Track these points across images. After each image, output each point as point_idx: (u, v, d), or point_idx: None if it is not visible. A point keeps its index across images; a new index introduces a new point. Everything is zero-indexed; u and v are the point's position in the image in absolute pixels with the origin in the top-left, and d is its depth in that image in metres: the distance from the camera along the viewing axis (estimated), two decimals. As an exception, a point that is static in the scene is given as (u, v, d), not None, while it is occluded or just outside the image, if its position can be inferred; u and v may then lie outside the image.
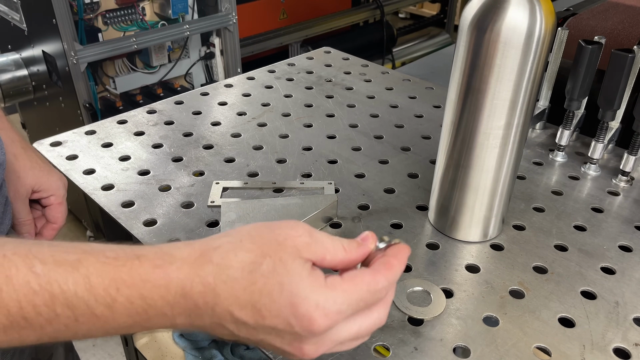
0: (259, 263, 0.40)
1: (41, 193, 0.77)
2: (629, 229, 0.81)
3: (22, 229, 0.76)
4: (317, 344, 0.41)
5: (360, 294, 0.42)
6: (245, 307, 0.40)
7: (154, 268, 0.39)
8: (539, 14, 0.62)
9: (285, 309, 0.40)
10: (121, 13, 1.85)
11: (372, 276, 0.43)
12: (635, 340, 0.63)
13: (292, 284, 0.40)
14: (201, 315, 0.40)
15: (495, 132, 0.69)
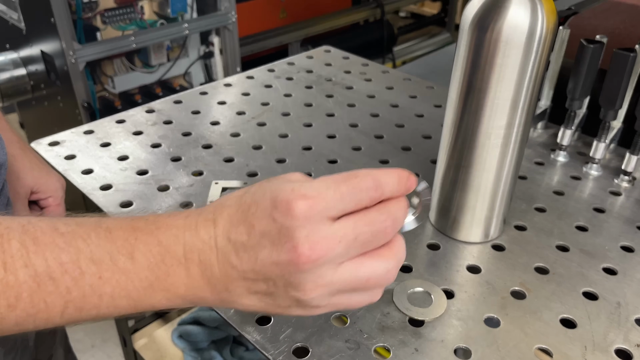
0: (247, 190, 0.43)
1: (40, 194, 0.77)
2: (631, 229, 0.81)
3: None
4: (309, 237, 0.39)
5: (339, 178, 0.40)
6: (238, 224, 0.41)
7: (166, 218, 0.43)
8: (540, 13, 0.62)
9: (268, 206, 0.40)
10: (120, 12, 1.84)
11: (353, 172, 0.41)
12: (637, 341, 0.63)
13: (275, 185, 0.41)
14: (209, 257, 0.41)
15: (496, 132, 0.69)
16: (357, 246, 0.40)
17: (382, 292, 0.45)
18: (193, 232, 0.41)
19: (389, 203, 0.41)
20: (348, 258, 0.40)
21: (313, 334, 0.62)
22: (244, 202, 0.42)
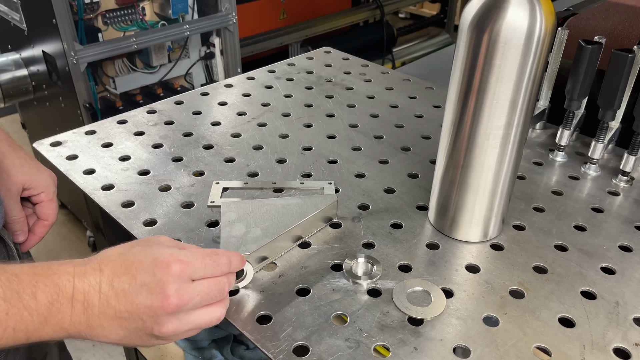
0: (129, 249, 0.56)
1: (31, 190, 0.77)
2: (629, 229, 0.81)
3: (15, 227, 0.76)
4: (178, 290, 0.53)
5: (206, 252, 0.58)
6: (121, 275, 0.53)
7: (59, 265, 0.53)
8: (539, 14, 0.62)
9: (150, 264, 0.54)
10: (121, 13, 1.85)
11: (215, 250, 0.60)
12: (635, 340, 0.63)
13: (154, 249, 0.56)
14: (93, 297, 0.52)
15: (495, 132, 0.69)
16: (207, 299, 0.56)
17: None
18: (82, 278, 0.52)
19: (231, 275, 0.61)
20: (200, 306, 0.56)
21: (313, 332, 0.63)
22: (127, 258, 0.54)
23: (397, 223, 0.81)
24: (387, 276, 0.71)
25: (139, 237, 0.77)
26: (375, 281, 0.70)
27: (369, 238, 0.78)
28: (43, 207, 0.79)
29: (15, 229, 0.76)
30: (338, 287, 0.69)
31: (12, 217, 0.75)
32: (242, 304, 0.67)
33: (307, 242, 0.77)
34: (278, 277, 0.71)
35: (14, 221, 0.75)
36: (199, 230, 0.79)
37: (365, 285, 0.70)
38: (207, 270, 0.57)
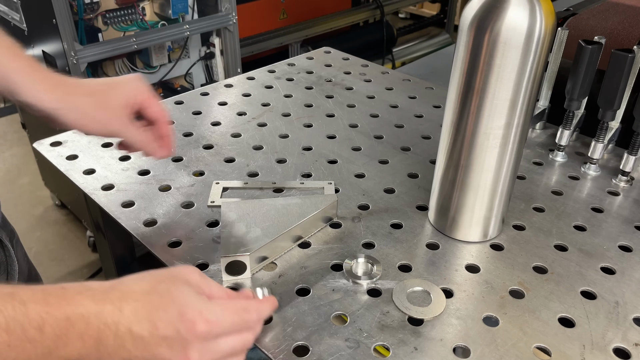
0: (155, 287, 0.51)
1: (134, 104, 0.71)
2: (629, 229, 0.81)
3: (149, 148, 0.72)
4: (200, 351, 0.50)
5: (235, 308, 0.54)
6: (142, 321, 0.48)
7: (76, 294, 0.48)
8: (539, 14, 0.62)
9: (175, 318, 0.49)
10: (121, 13, 1.85)
11: (246, 300, 0.57)
12: (635, 340, 0.63)
13: (182, 298, 0.50)
14: (107, 337, 0.48)
15: (495, 132, 0.69)
16: (229, 356, 0.53)
17: None
18: (99, 316, 0.48)
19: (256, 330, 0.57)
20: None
21: (313, 332, 0.63)
22: (151, 301, 0.50)
23: (397, 223, 0.81)
24: (387, 276, 0.71)
25: (139, 237, 0.77)
26: (375, 281, 0.70)
27: (369, 238, 0.78)
28: (149, 109, 0.72)
29: (148, 149, 0.72)
30: (338, 287, 0.70)
31: (140, 140, 0.71)
32: (242, 304, 0.67)
33: (307, 242, 0.77)
34: (278, 277, 0.71)
35: (145, 145, 0.72)
36: (199, 230, 0.79)
37: (365, 285, 0.70)
38: (234, 328, 0.53)
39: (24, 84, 0.62)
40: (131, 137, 0.70)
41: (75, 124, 0.67)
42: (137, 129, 0.71)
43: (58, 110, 0.65)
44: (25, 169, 2.62)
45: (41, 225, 2.30)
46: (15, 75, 0.61)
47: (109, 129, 0.69)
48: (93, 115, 0.67)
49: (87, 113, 0.66)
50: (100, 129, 0.69)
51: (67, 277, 2.04)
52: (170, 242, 0.76)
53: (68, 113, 0.65)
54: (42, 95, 0.63)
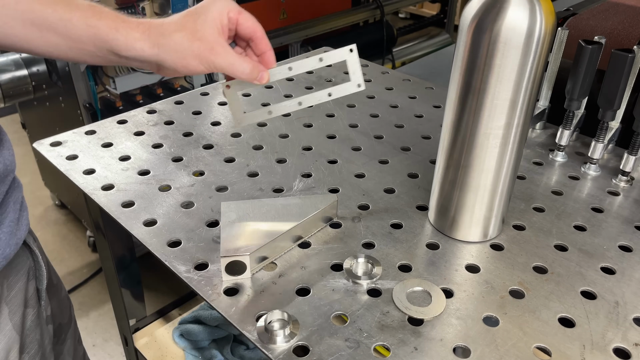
0: None
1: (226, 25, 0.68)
2: (629, 229, 0.81)
3: (254, 74, 0.68)
4: None
5: None
6: None
7: None
8: (539, 14, 0.62)
9: None
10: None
11: None
12: (635, 340, 0.63)
13: None
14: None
15: (495, 132, 0.69)
16: None
17: None
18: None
19: None
20: None
21: (313, 332, 0.63)
22: None
23: (397, 223, 0.81)
24: (387, 276, 0.71)
25: (139, 237, 0.77)
26: (375, 281, 0.70)
27: (369, 238, 0.78)
28: (242, 25, 0.70)
29: (254, 77, 0.68)
30: (338, 287, 0.69)
31: (244, 70, 0.67)
32: (242, 304, 0.67)
33: (307, 242, 0.77)
34: (278, 277, 0.71)
35: (251, 70, 0.67)
36: (199, 230, 0.79)
37: (365, 285, 0.70)
38: None
39: (119, 40, 0.61)
40: (235, 69, 0.66)
41: (179, 66, 0.64)
42: (239, 58, 0.66)
43: (159, 55, 0.63)
44: (25, 169, 2.62)
45: (41, 225, 2.30)
46: (108, 33, 0.60)
47: (210, 63, 0.65)
48: (191, 51, 0.63)
49: (185, 50, 0.63)
50: (203, 65, 0.65)
51: (67, 277, 2.04)
52: (170, 242, 0.76)
53: (169, 56, 0.63)
54: (140, 45, 0.61)
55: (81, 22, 0.59)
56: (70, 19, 0.59)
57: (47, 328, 0.77)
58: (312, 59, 0.72)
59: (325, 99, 0.72)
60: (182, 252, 0.74)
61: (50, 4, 0.58)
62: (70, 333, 0.88)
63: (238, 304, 0.67)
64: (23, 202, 0.71)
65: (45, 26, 0.58)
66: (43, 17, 0.58)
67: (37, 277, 0.74)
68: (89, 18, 0.60)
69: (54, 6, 0.58)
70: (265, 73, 0.69)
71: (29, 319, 0.71)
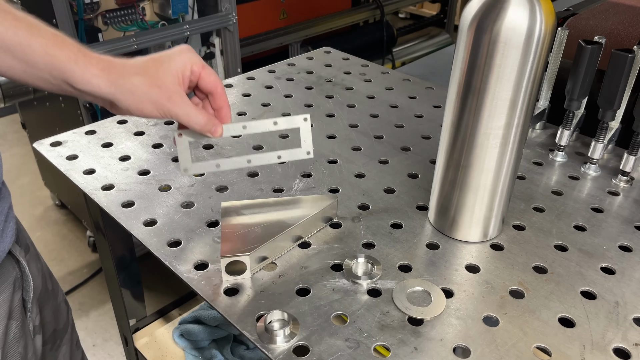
0: None
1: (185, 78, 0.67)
2: (629, 229, 0.81)
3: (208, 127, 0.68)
4: None
5: None
6: None
7: None
8: (539, 14, 0.62)
9: None
10: (121, 13, 1.85)
11: None
12: (635, 340, 0.63)
13: None
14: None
15: (495, 132, 0.69)
16: None
17: None
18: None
19: None
20: None
21: (313, 332, 0.63)
22: None
23: (397, 223, 0.81)
24: (387, 276, 0.71)
25: (139, 237, 0.77)
26: (375, 281, 0.70)
27: (369, 238, 0.78)
28: (204, 79, 0.69)
29: (208, 129, 0.69)
30: (338, 287, 0.70)
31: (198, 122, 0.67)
32: (242, 304, 0.67)
33: (307, 242, 0.77)
34: (278, 277, 0.71)
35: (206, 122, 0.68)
36: (199, 230, 0.79)
37: (365, 285, 0.70)
38: None
39: (76, 72, 0.60)
40: (190, 120, 0.66)
41: (133, 108, 0.64)
42: (195, 109, 0.67)
43: (115, 95, 0.63)
44: (25, 169, 2.62)
45: (41, 225, 2.30)
46: (66, 64, 0.60)
47: (166, 110, 0.65)
48: (149, 97, 0.63)
49: (143, 94, 0.63)
50: (158, 111, 0.65)
51: (67, 277, 2.04)
52: (170, 242, 0.76)
53: (124, 97, 0.63)
54: (96, 81, 0.61)
55: (41, 49, 0.59)
56: (30, 44, 0.58)
57: (34, 340, 0.75)
58: (267, 122, 0.74)
59: (274, 161, 0.75)
60: (182, 252, 0.74)
61: (12, 27, 0.57)
62: (67, 338, 0.87)
63: (238, 304, 0.67)
64: (9, 213, 0.69)
65: (2, 47, 0.57)
66: (1, 39, 0.57)
67: (23, 287, 0.72)
68: (50, 47, 0.59)
69: (15, 29, 0.57)
70: (219, 127, 0.70)
71: (12, 331, 0.69)
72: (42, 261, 0.81)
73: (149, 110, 0.64)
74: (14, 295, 0.69)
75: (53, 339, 0.83)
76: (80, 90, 0.61)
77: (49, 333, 0.81)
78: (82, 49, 0.61)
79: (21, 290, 0.72)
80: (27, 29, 0.58)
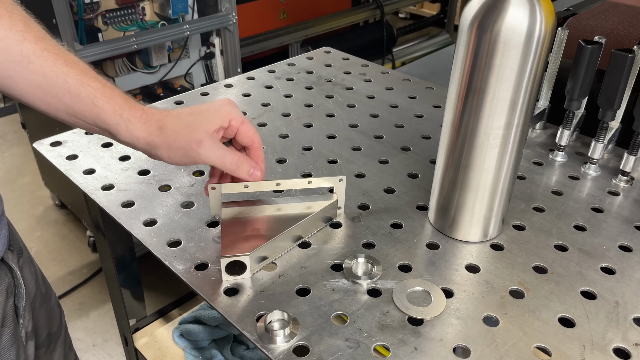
0: None
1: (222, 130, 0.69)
2: (629, 229, 0.81)
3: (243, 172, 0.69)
4: None
5: None
6: None
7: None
8: (539, 14, 0.62)
9: None
10: (121, 13, 1.85)
11: None
12: (635, 340, 0.63)
13: None
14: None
15: (495, 132, 0.69)
16: None
17: None
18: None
19: None
20: None
21: (313, 332, 0.63)
22: None
23: (397, 223, 0.81)
24: (387, 276, 0.71)
25: (139, 237, 0.77)
26: (375, 281, 0.70)
27: (369, 238, 0.78)
28: (241, 133, 0.70)
29: (244, 174, 0.70)
30: (338, 287, 0.70)
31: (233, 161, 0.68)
32: (242, 304, 0.67)
33: (307, 242, 0.77)
34: (278, 277, 0.71)
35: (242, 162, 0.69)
36: (199, 230, 0.79)
37: (365, 285, 0.70)
38: None
39: (120, 126, 0.62)
40: (226, 161, 0.67)
41: (165, 156, 0.65)
42: (230, 151, 0.68)
43: (150, 149, 0.65)
44: (25, 169, 2.62)
45: (41, 225, 2.30)
46: (111, 117, 0.61)
47: (195, 155, 0.65)
48: (180, 143, 0.64)
49: (174, 142, 0.64)
50: (186, 157, 0.66)
51: (67, 277, 2.04)
52: (170, 242, 0.76)
53: (158, 146, 0.64)
54: (137, 134, 0.63)
55: (89, 100, 0.60)
56: (79, 94, 0.59)
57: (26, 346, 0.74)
58: (300, 181, 0.78)
59: None
60: (182, 252, 0.74)
61: (63, 74, 0.58)
62: (61, 341, 0.87)
63: (238, 304, 0.67)
64: (2, 220, 0.69)
65: (50, 93, 0.58)
66: (51, 84, 0.58)
67: (15, 294, 0.72)
68: (98, 98, 0.60)
69: (66, 77, 0.58)
70: (258, 171, 0.71)
71: (4, 338, 0.69)
72: (35, 264, 0.81)
73: (178, 157, 0.66)
74: (6, 302, 0.69)
75: (47, 343, 0.82)
76: (122, 142, 0.64)
77: (42, 337, 0.80)
78: (128, 101, 0.63)
79: (13, 296, 0.71)
80: (77, 77, 0.59)
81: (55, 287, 1.92)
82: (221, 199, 0.78)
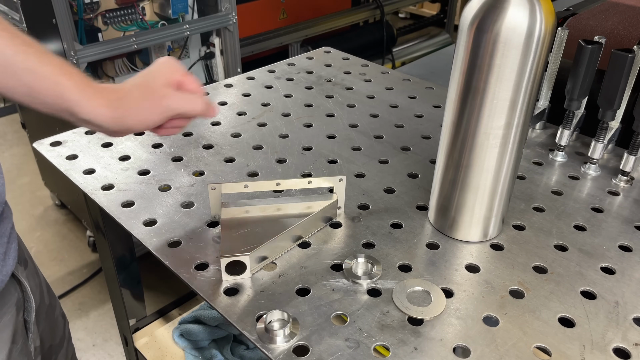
0: None
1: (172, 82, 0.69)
2: (629, 228, 0.81)
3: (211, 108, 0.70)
4: None
5: None
6: None
7: None
8: (539, 14, 0.62)
9: None
10: (121, 13, 1.85)
11: None
12: (635, 340, 0.63)
13: None
14: None
15: (495, 132, 0.69)
16: None
17: None
18: None
19: None
20: None
21: (313, 332, 0.63)
22: None
23: (397, 223, 0.81)
24: (387, 276, 0.71)
25: (139, 237, 0.77)
26: (375, 281, 0.70)
27: (369, 238, 0.78)
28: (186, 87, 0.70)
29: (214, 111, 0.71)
30: (338, 287, 0.69)
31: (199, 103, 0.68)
32: (242, 304, 0.67)
33: (307, 242, 0.77)
34: (278, 277, 0.71)
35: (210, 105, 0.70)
36: (199, 230, 0.79)
37: (365, 285, 0.70)
38: None
39: (81, 102, 0.61)
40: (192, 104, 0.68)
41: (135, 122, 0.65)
42: (193, 95, 0.69)
43: (117, 119, 0.64)
44: (25, 169, 2.62)
45: (41, 225, 2.30)
46: (73, 93, 0.60)
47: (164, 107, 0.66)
48: (146, 104, 0.65)
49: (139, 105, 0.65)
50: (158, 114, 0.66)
51: (67, 277, 2.04)
52: (170, 242, 0.76)
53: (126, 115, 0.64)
54: (101, 110, 0.63)
55: (50, 76, 0.59)
56: (40, 71, 0.58)
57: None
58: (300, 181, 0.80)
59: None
60: (182, 252, 0.74)
61: (22, 52, 0.57)
62: (62, 353, 0.86)
63: (238, 304, 0.67)
64: (12, 234, 0.68)
65: (10, 71, 0.57)
66: (10, 63, 0.57)
67: (25, 308, 0.72)
68: (58, 75, 0.60)
69: (25, 54, 0.57)
70: (216, 107, 0.74)
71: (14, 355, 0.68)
72: (40, 275, 0.80)
73: (149, 116, 0.65)
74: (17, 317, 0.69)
75: (48, 355, 0.82)
76: (83, 119, 0.63)
77: (45, 349, 0.80)
78: (86, 78, 0.63)
79: (23, 311, 0.71)
80: (37, 55, 0.59)
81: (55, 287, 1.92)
82: (221, 199, 0.78)
